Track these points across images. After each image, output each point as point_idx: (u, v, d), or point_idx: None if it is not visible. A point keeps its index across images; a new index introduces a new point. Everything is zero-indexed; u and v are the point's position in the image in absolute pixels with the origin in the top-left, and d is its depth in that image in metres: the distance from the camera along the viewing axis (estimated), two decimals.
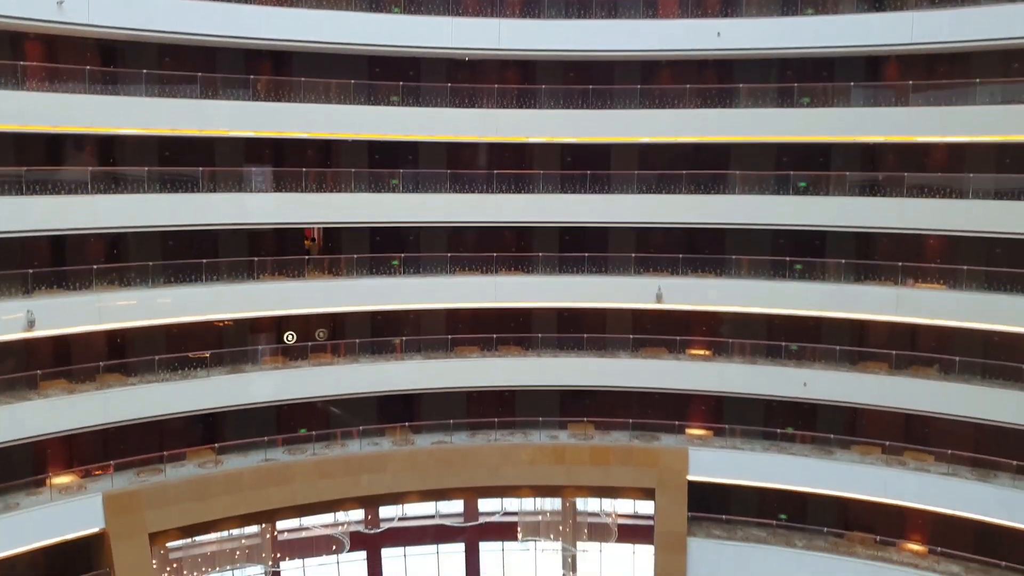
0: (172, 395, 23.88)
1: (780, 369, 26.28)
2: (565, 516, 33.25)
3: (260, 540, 31.64)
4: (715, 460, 26.30)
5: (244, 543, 31.66)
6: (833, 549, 25.43)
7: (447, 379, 27.10)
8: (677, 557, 25.65)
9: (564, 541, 32.48)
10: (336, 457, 25.94)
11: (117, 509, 22.26)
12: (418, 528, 35.33)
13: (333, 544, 32.00)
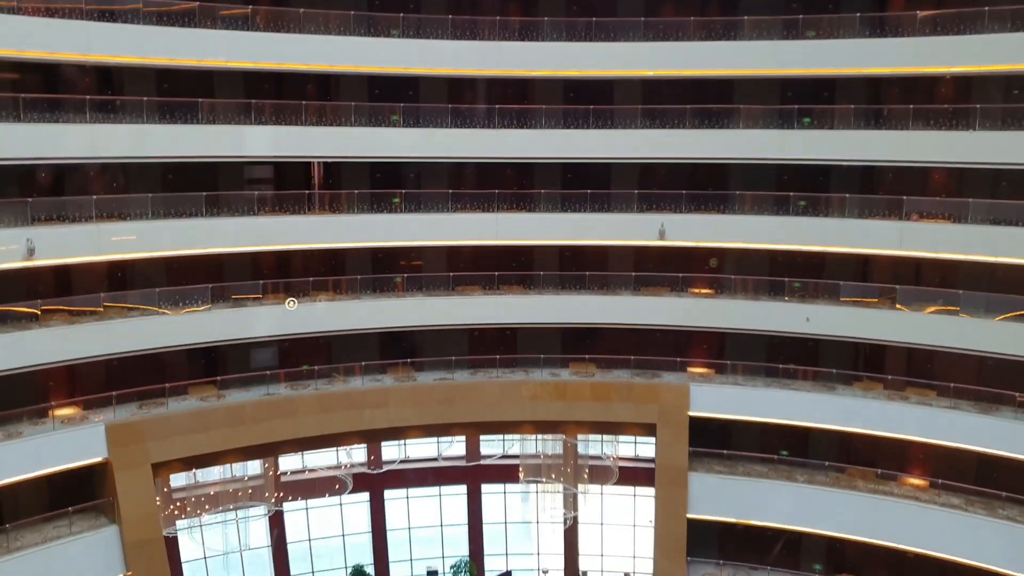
0: (173, 327, 23.89)
1: (783, 305, 26.22)
2: (566, 458, 33.41)
3: (263, 481, 31.88)
4: (716, 396, 26.29)
5: (247, 483, 31.93)
6: (834, 484, 25.46)
7: (449, 316, 27.08)
8: (678, 491, 25.69)
9: (565, 482, 32.60)
10: (338, 392, 25.98)
11: (119, 439, 22.31)
12: (420, 470, 35.50)
13: (336, 484, 32.18)
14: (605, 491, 36.14)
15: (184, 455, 23.57)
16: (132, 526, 21.91)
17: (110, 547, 21.89)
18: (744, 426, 26.86)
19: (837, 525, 25.00)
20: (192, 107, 23.72)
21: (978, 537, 23.17)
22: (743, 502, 25.81)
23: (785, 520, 25.58)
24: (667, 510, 25.80)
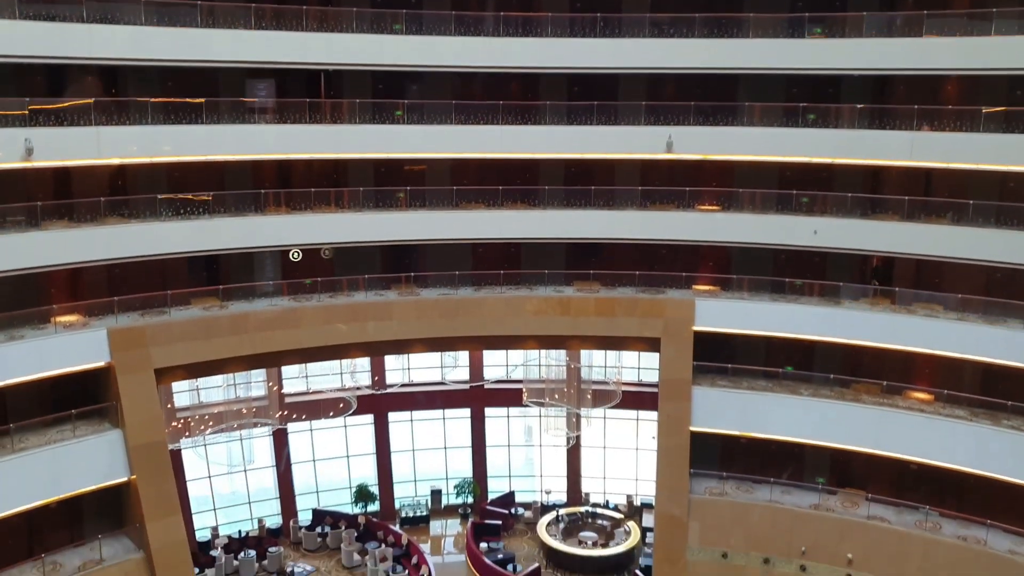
0: (175, 234, 23.70)
1: (790, 218, 25.91)
2: (569, 380, 33.43)
3: (267, 401, 31.97)
4: (722, 309, 26.13)
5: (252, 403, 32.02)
6: (839, 397, 25.37)
7: (452, 230, 26.83)
8: (682, 404, 25.63)
9: (568, 403, 32.65)
10: (342, 304, 25.86)
11: (122, 344, 22.22)
12: (424, 393, 35.66)
13: (340, 404, 32.25)
14: (608, 415, 36.34)
15: (187, 362, 23.49)
16: (136, 430, 21.87)
17: (114, 450, 21.88)
18: (749, 341, 26.79)
19: (841, 438, 24.97)
20: (191, 11, 23.21)
21: (983, 447, 23.15)
22: (746, 415, 25.77)
23: (789, 433, 25.58)
24: (670, 423, 25.74)
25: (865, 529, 24.30)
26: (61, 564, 21.46)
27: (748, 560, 24.96)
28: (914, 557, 23.54)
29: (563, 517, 32.72)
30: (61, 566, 21.38)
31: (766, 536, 25.10)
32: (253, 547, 30.94)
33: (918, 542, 23.63)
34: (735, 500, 25.74)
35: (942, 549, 23.31)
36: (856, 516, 24.69)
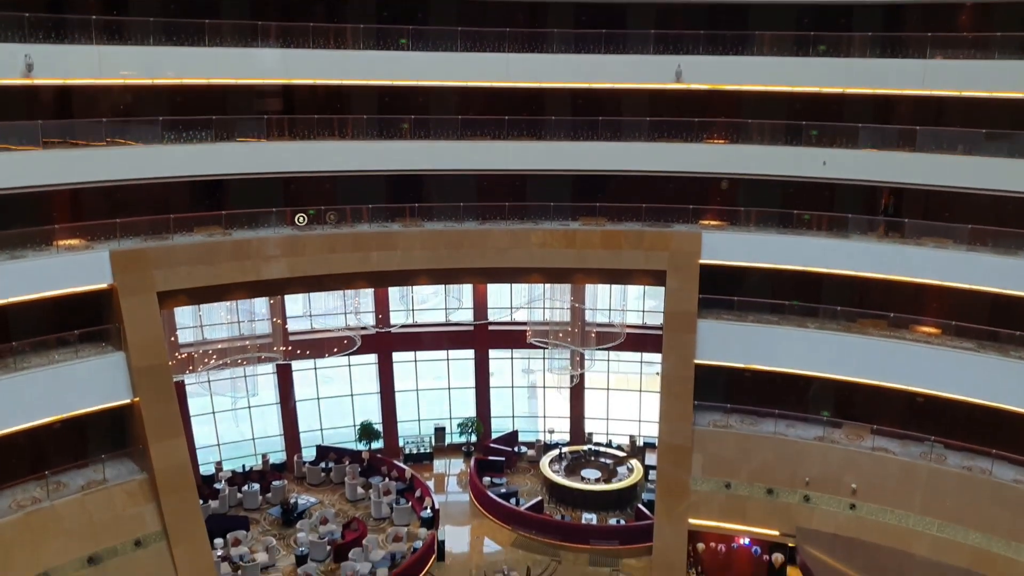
0: (177, 157, 23.42)
1: (799, 149, 25.55)
2: (573, 320, 33.33)
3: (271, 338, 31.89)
4: (728, 242, 25.89)
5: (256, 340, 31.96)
6: (846, 331, 25.14)
7: (457, 161, 26.47)
8: (687, 336, 25.46)
9: (572, 343, 32.55)
10: (345, 233, 25.64)
11: (124, 265, 22.05)
12: (428, 334, 35.59)
13: (344, 340, 32.16)
14: (612, 357, 36.28)
15: (190, 286, 23.33)
16: (138, 352, 21.76)
17: (116, 372, 21.77)
18: (755, 275, 26.55)
19: (847, 370, 24.83)
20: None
21: (990, 377, 23.01)
22: (752, 348, 25.61)
23: (794, 365, 25.44)
24: (675, 355, 25.58)
25: (869, 460, 24.25)
26: (65, 484, 21.46)
27: (752, 491, 24.92)
28: (918, 487, 23.49)
29: (566, 455, 32.78)
30: (65, 485, 21.38)
31: (770, 467, 25.05)
32: (257, 481, 31.04)
33: (922, 472, 23.57)
34: (739, 432, 25.64)
35: (947, 479, 23.26)
36: (861, 448, 24.57)
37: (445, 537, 28.12)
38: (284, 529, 28.63)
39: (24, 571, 19.51)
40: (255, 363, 31.34)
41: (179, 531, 21.90)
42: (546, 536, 28.61)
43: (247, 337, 31.95)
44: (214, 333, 32.19)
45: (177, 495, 22.04)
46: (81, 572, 20.31)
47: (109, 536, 21.03)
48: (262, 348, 31.62)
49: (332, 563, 26.48)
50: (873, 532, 23.53)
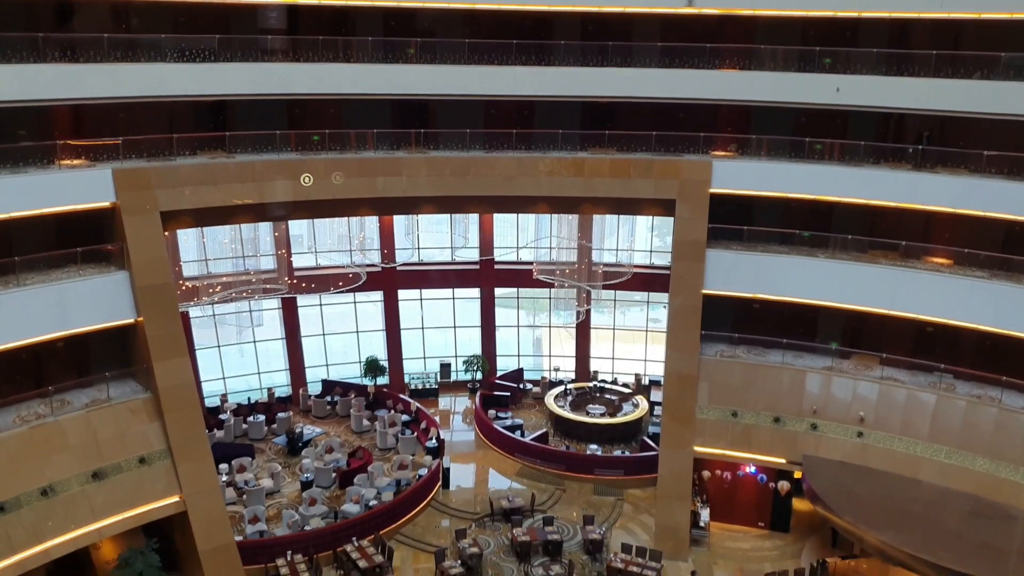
0: (180, 76, 22.97)
1: (813, 76, 24.99)
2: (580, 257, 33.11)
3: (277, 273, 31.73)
4: (739, 171, 25.43)
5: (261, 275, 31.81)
6: (856, 260, 24.82)
7: (464, 85, 25.94)
8: (695, 265, 25.14)
9: (579, 279, 32.34)
10: (351, 159, 25.28)
11: (127, 184, 21.75)
12: (434, 272, 35.42)
13: (350, 275, 31.99)
14: (618, 296, 36.10)
15: (193, 206, 23.04)
16: (142, 271, 21.55)
17: (120, 291, 21.58)
18: (766, 206, 26.15)
19: (857, 298, 24.50)
20: None
21: (1002, 305, 22.67)
22: (761, 277, 25.25)
23: (804, 295, 25.06)
24: (683, 284, 25.28)
25: (878, 389, 24.07)
26: (69, 402, 21.41)
27: (758, 419, 24.76)
28: (926, 415, 23.32)
29: (571, 391, 32.71)
30: (69, 403, 21.34)
31: (777, 397, 24.89)
32: (262, 413, 31.05)
33: (931, 400, 23.38)
34: (746, 362, 25.45)
35: (955, 407, 23.07)
36: (869, 377, 24.38)
37: (450, 465, 28.12)
38: (289, 458, 28.69)
39: (28, 484, 19.51)
40: (260, 295, 31.21)
41: (183, 450, 21.85)
42: (551, 466, 28.63)
43: (252, 273, 31.88)
44: (219, 268, 32.11)
45: (181, 414, 21.96)
46: (86, 486, 20.31)
47: (113, 452, 21.02)
48: (268, 280, 31.52)
49: (337, 489, 26.53)
50: (880, 460, 23.40)
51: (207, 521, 21.84)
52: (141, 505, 21.09)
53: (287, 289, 31.22)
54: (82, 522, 20.08)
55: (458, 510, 26.38)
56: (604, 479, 28.13)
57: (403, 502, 25.49)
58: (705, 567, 23.62)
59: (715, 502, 25.85)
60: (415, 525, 25.62)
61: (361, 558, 22.81)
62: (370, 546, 23.39)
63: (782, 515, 25.67)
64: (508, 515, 25.56)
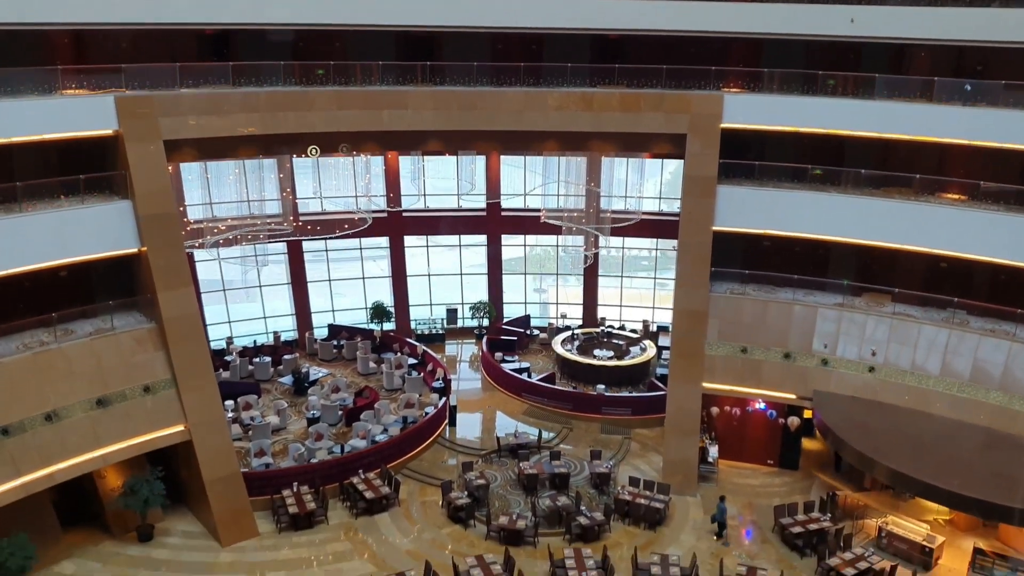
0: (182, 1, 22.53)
1: (826, 7, 24.53)
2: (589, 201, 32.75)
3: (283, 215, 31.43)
4: (751, 104, 24.93)
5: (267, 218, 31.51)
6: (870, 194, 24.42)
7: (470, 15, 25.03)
8: (705, 201, 24.76)
9: (587, 223, 32.02)
10: (356, 91, 24.84)
11: (130, 111, 21.35)
12: (441, 218, 35.11)
13: (356, 219, 31.71)
14: (627, 245, 35.77)
15: (197, 136, 22.68)
16: (145, 200, 21.25)
17: (123, 219, 21.29)
18: (777, 143, 25.70)
19: (870, 233, 24.12)
20: None
21: (1019, 237, 22.27)
22: (772, 213, 24.89)
23: (816, 230, 24.67)
24: (693, 220, 24.91)
25: (890, 324, 23.78)
26: (72, 331, 21.21)
27: (768, 355, 24.51)
28: (939, 349, 23.02)
29: (578, 335, 32.49)
30: (73, 332, 21.14)
31: (787, 333, 24.63)
32: (268, 355, 30.89)
33: (943, 335, 23.07)
34: (757, 298, 25.14)
35: (968, 341, 22.75)
36: (881, 313, 24.07)
37: (457, 404, 27.97)
38: (295, 398, 28.55)
39: (32, 409, 19.38)
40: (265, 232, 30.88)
41: (189, 380, 21.69)
42: (558, 405, 28.46)
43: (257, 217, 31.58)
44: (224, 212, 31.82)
45: (186, 344, 21.77)
46: (90, 413, 20.18)
47: (117, 381, 20.86)
48: (274, 224, 31.23)
49: (344, 427, 26.40)
50: (892, 395, 23.16)
51: (212, 451, 21.72)
52: (146, 433, 20.98)
53: (292, 230, 30.93)
54: (87, 448, 19.98)
55: (465, 447, 26.27)
56: (611, 418, 27.95)
57: (409, 437, 25.36)
58: (714, 502, 23.44)
59: (724, 440, 25.67)
60: (422, 460, 25.51)
61: (367, 489, 22.71)
62: (376, 478, 23.28)
63: (791, 453, 25.49)
64: (515, 451, 25.42)
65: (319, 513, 22.09)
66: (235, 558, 20.79)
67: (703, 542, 21.70)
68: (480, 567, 19.43)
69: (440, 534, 21.91)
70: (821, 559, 20.42)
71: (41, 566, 19.81)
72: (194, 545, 21.33)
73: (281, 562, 20.61)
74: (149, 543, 21.28)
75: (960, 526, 22.16)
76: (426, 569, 19.46)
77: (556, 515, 22.23)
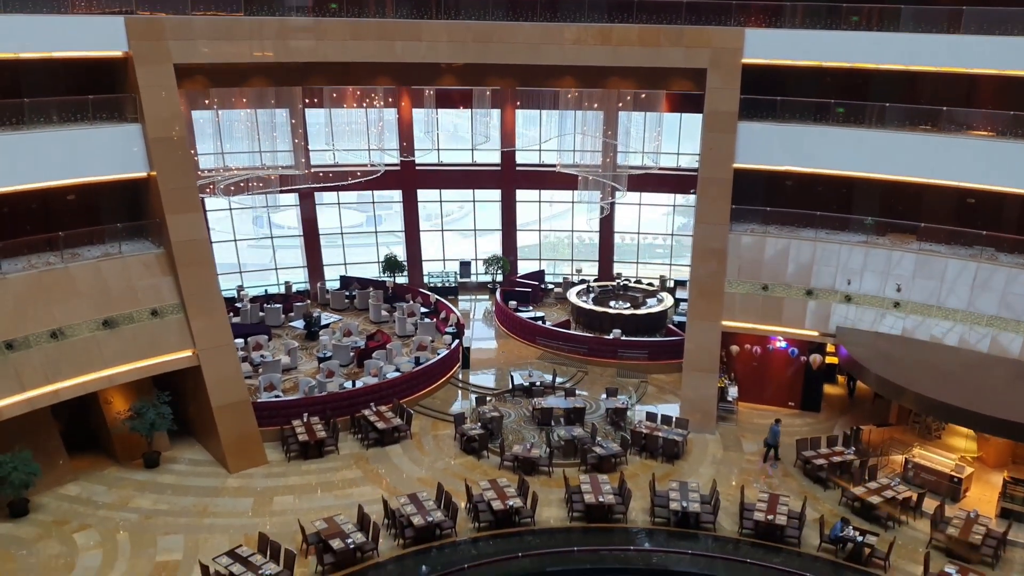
0: None
1: None
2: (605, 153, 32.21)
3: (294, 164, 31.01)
4: (773, 39, 24.26)
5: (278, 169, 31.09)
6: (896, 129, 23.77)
7: None
8: (727, 137, 24.16)
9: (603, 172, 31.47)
10: (370, 21, 24.35)
11: (140, 33, 20.90)
12: (455, 172, 34.61)
13: (369, 165, 31.27)
14: (644, 200, 35.18)
15: (207, 61, 22.29)
16: (155, 123, 20.84)
17: (132, 142, 20.90)
18: (798, 80, 25.04)
19: (896, 168, 23.44)
20: None
21: None
22: (795, 150, 24.24)
23: (839, 166, 24.01)
24: (713, 156, 24.30)
25: (915, 260, 23.14)
26: (80, 255, 20.81)
27: (790, 292, 23.89)
28: (966, 283, 22.35)
29: (593, 288, 31.95)
30: (80, 255, 20.74)
31: (810, 270, 24.02)
32: (279, 303, 30.48)
33: (971, 269, 22.40)
34: (778, 237, 24.53)
35: (997, 274, 22.07)
36: (907, 248, 23.43)
37: (471, 345, 27.45)
38: (307, 342, 28.08)
39: (37, 325, 18.99)
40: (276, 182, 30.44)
41: (197, 305, 21.27)
42: (573, 349, 27.89)
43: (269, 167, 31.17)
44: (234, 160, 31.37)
45: (195, 269, 21.37)
46: (96, 333, 19.78)
47: (124, 303, 20.47)
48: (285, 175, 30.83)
49: (356, 368, 25.91)
50: (918, 329, 22.50)
51: (221, 377, 21.28)
52: (153, 356, 20.56)
53: (304, 176, 30.49)
54: (93, 367, 19.57)
55: (478, 387, 25.71)
56: (628, 363, 27.35)
57: (422, 374, 24.86)
58: (733, 439, 22.87)
59: (744, 382, 25.05)
60: (434, 398, 25.00)
61: (379, 420, 22.22)
62: (388, 411, 22.78)
63: (813, 394, 24.82)
64: (528, 391, 24.87)
65: (329, 442, 21.61)
66: (242, 483, 20.35)
67: (723, 475, 21.07)
68: (494, 490, 18.90)
69: (453, 464, 21.40)
70: (845, 490, 19.79)
71: (45, 487, 19.43)
72: (201, 471, 20.89)
73: (289, 487, 20.16)
74: (155, 469, 20.86)
75: (989, 462, 21.47)
76: (438, 491, 18.95)
77: (571, 446, 21.67)
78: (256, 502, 19.47)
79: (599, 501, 18.53)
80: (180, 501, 19.43)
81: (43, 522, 18.42)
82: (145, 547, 17.61)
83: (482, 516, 18.43)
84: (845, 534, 17.61)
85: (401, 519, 17.88)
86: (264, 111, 30.05)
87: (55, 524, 18.34)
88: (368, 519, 17.70)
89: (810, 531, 18.46)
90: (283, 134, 31.18)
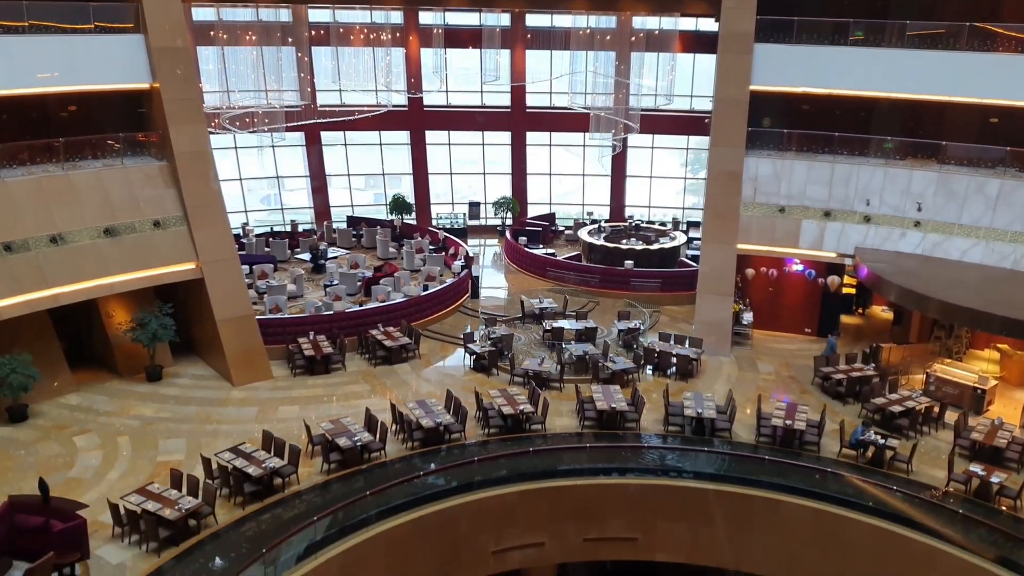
0: None
1: None
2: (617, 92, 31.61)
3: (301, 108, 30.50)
4: None
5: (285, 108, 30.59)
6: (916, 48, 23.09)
7: None
8: (743, 58, 23.53)
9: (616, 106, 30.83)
10: None
11: None
12: (464, 113, 34.08)
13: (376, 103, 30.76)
14: (656, 144, 34.59)
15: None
16: (158, 32, 20.32)
17: (135, 52, 20.37)
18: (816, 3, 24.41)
19: (917, 86, 22.79)
20: None
21: None
22: (812, 70, 23.59)
23: (858, 86, 23.35)
24: (729, 77, 23.69)
25: (936, 179, 22.50)
26: (81, 166, 20.33)
27: (807, 214, 23.31)
28: (989, 201, 21.72)
29: (605, 228, 31.37)
30: (81, 166, 20.26)
31: (828, 192, 23.41)
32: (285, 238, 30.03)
33: (993, 186, 21.75)
34: (796, 160, 23.90)
35: (1020, 190, 21.42)
36: (927, 167, 22.80)
37: (480, 274, 26.93)
38: (314, 275, 27.61)
39: (36, 229, 18.55)
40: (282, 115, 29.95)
41: (200, 218, 20.81)
42: (584, 281, 27.36)
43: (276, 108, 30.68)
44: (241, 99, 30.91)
45: (198, 182, 20.89)
46: (97, 241, 19.34)
47: (126, 212, 20.01)
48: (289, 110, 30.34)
49: (363, 296, 25.43)
50: (938, 248, 21.89)
51: (224, 291, 20.84)
52: (156, 267, 20.13)
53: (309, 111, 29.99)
54: (93, 275, 19.14)
55: (488, 313, 25.16)
56: (639, 294, 26.79)
57: (432, 298, 24.38)
58: (749, 362, 22.31)
59: (759, 309, 24.48)
60: (443, 324, 24.49)
61: (387, 339, 21.72)
62: (396, 331, 22.29)
63: (829, 322, 24.20)
64: (539, 317, 24.34)
65: (336, 358, 21.15)
66: (247, 395, 19.92)
67: (740, 392, 20.48)
68: (504, 397, 18.41)
69: (462, 379, 20.90)
70: (865, 401, 19.23)
71: (45, 397, 19.03)
72: (204, 385, 20.47)
73: (294, 398, 19.70)
74: (158, 382, 20.44)
75: (1012, 381, 20.92)
76: (447, 397, 18.47)
77: (583, 363, 21.14)
78: (260, 411, 19.04)
79: (611, 408, 18.01)
80: (183, 410, 19.01)
81: (42, 427, 18.03)
82: (147, 449, 17.20)
83: (492, 422, 17.94)
84: (866, 437, 17.06)
85: (409, 422, 17.40)
86: (270, 48, 29.64)
87: (55, 428, 17.95)
88: (376, 420, 17.24)
89: (829, 440, 17.91)
90: (289, 77, 30.74)
